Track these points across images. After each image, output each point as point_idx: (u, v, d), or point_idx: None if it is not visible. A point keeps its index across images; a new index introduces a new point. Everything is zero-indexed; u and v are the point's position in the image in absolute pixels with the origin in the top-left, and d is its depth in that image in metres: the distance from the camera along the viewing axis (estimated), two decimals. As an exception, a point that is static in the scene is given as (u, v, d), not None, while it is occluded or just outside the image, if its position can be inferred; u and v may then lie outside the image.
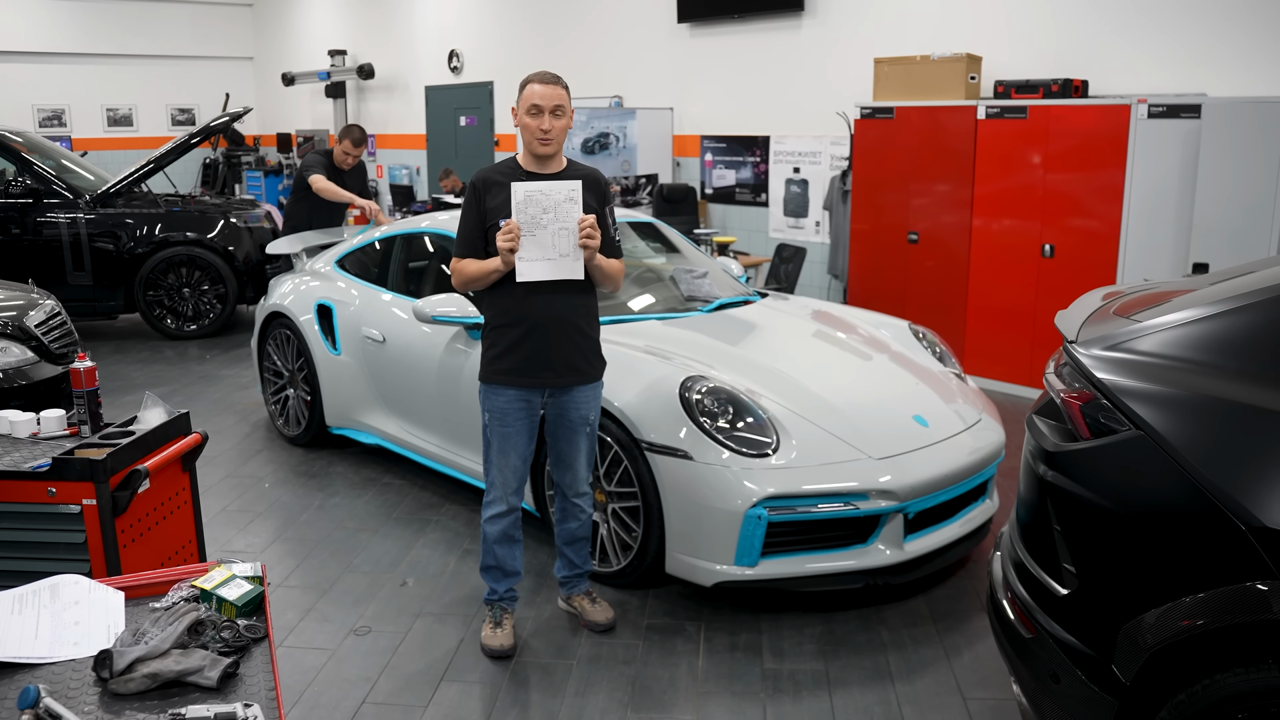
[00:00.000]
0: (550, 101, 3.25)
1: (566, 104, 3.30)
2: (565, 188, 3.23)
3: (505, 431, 3.43)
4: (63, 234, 8.36)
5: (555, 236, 3.23)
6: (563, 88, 3.31)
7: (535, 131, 3.26)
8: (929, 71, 7.02)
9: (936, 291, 7.11)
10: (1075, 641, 2.28)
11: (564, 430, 3.51)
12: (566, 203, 3.22)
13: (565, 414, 3.48)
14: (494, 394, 3.42)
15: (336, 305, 5.39)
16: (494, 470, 3.47)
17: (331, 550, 4.41)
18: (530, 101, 3.26)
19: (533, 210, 3.21)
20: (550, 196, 3.22)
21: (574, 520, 3.64)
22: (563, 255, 3.25)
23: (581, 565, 3.73)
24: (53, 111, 15.10)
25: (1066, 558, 2.33)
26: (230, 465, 5.50)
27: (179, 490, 2.96)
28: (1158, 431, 2.16)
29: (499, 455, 3.45)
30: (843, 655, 3.52)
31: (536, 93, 3.26)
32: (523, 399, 3.41)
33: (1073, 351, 2.47)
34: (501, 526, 3.49)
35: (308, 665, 3.47)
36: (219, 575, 2.04)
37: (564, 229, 3.23)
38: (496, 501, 3.48)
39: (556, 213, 3.22)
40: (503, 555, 3.53)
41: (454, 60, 12.27)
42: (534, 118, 3.26)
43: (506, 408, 3.41)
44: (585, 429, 3.52)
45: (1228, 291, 2.37)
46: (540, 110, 3.25)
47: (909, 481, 3.67)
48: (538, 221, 3.22)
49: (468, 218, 3.39)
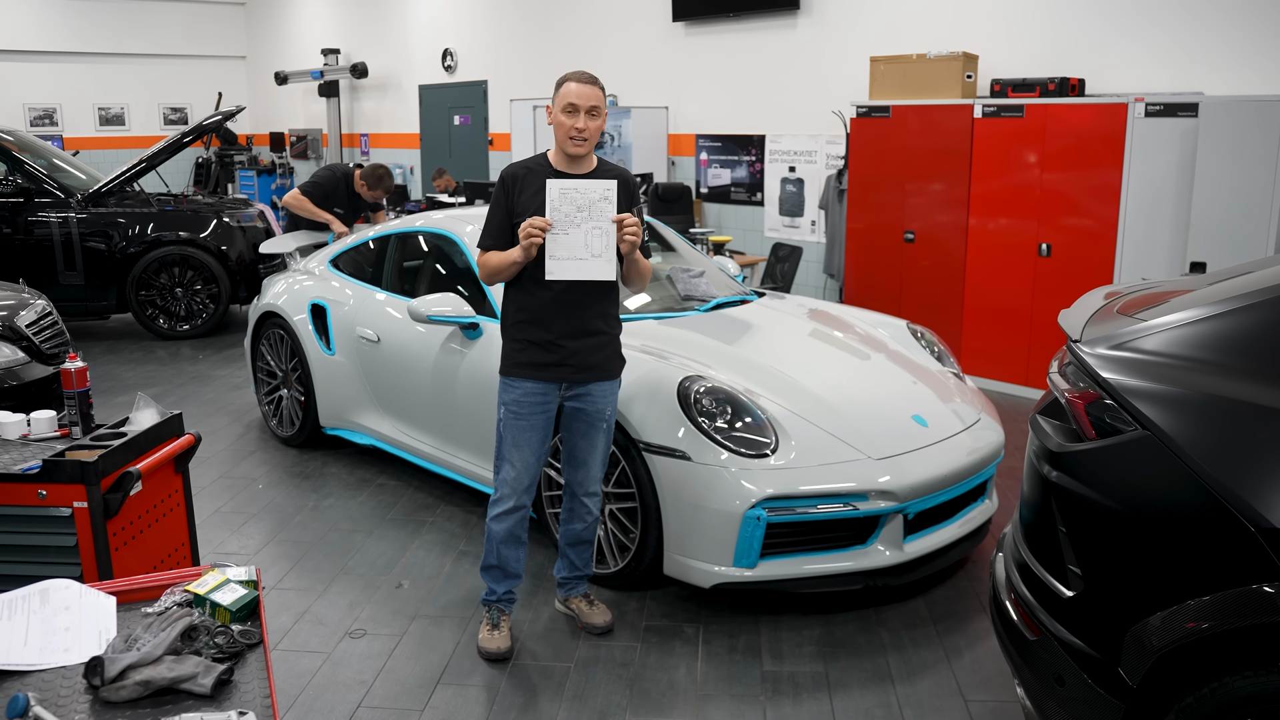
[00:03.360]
0: (587, 101, 3.22)
1: (602, 104, 3.27)
2: (601, 186, 3.17)
3: (520, 425, 3.38)
4: (54, 233, 8.30)
5: (589, 236, 3.15)
6: (599, 88, 3.28)
7: (569, 130, 3.23)
8: (925, 70, 7.00)
9: (932, 291, 7.09)
10: (1081, 644, 2.26)
11: (581, 425, 3.47)
12: (601, 202, 3.15)
13: (583, 409, 3.44)
14: (512, 386, 3.39)
15: (330, 305, 5.35)
16: (505, 465, 3.42)
17: (326, 552, 4.37)
18: (566, 100, 3.22)
19: (566, 208, 3.14)
20: (585, 195, 3.15)
21: (580, 522, 3.59)
22: (594, 256, 3.17)
23: (583, 568, 3.70)
24: (44, 110, 15.03)
25: (1072, 559, 2.30)
26: (223, 466, 5.46)
27: (171, 492, 2.92)
28: (1165, 432, 2.14)
29: (512, 449, 3.40)
30: (842, 657, 3.50)
31: (574, 91, 3.23)
32: (540, 392, 3.38)
33: (1077, 350, 2.44)
34: (509, 525, 3.44)
35: (302, 669, 3.43)
36: (213, 579, 2.00)
37: (597, 228, 3.16)
38: (506, 498, 3.43)
39: (590, 211, 3.15)
40: (506, 556, 3.48)
41: (448, 59, 12.23)
42: (569, 116, 3.23)
43: (523, 400, 3.37)
44: (603, 425, 3.48)
45: (1235, 290, 2.35)
46: (576, 109, 3.22)
47: (908, 482, 3.65)
48: (571, 220, 3.15)
49: (496, 211, 3.36)
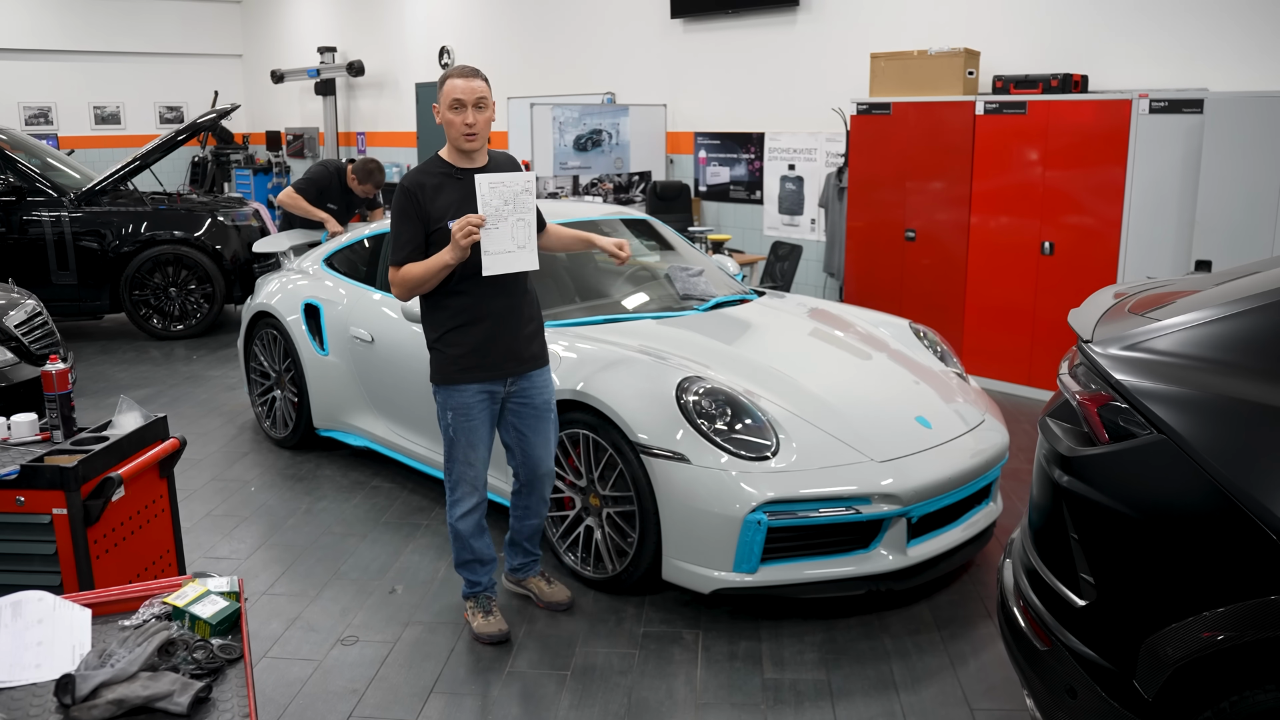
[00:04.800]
0: (472, 95, 3.23)
1: (489, 96, 3.31)
2: (522, 179, 3.22)
3: (471, 426, 3.43)
4: (47, 232, 8.22)
5: (514, 228, 3.23)
6: (483, 80, 3.29)
7: (460, 127, 3.24)
8: (926, 66, 6.92)
9: (934, 290, 7.02)
10: (1094, 655, 2.18)
11: (529, 417, 3.53)
12: (523, 194, 3.23)
13: (530, 400, 3.50)
14: (457, 393, 3.41)
15: (324, 305, 5.27)
16: (461, 466, 3.47)
17: (318, 556, 4.30)
18: (452, 97, 3.23)
19: (496, 203, 3.19)
20: (510, 188, 3.21)
21: (537, 517, 3.68)
22: (520, 247, 3.26)
23: (535, 552, 3.79)
24: (39, 109, 14.94)
25: (1084, 567, 2.22)
26: (215, 469, 5.38)
27: (156, 498, 2.84)
28: (1180, 435, 2.06)
29: (468, 451, 3.45)
30: (845, 664, 3.42)
31: (459, 87, 3.23)
32: (486, 391, 3.42)
33: (1088, 351, 2.36)
34: (475, 520, 3.51)
35: (293, 677, 3.35)
36: (193, 591, 1.92)
37: (521, 220, 3.23)
38: (467, 497, 3.49)
39: (515, 204, 3.21)
40: (479, 547, 3.55)
41: (445, 57, 12.14)
42: (457, 113, 3.23)
43: (471, 402, 3.41)
44: (550, 414, 3.56)
45: (1250, 289, 2.27)
46: (463, 105, 3.23)
47: (912, 485, 3.57)
48: (501, 214, 3.20)
49: (406, 223, 3.29)
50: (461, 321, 3.36)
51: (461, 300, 3.34)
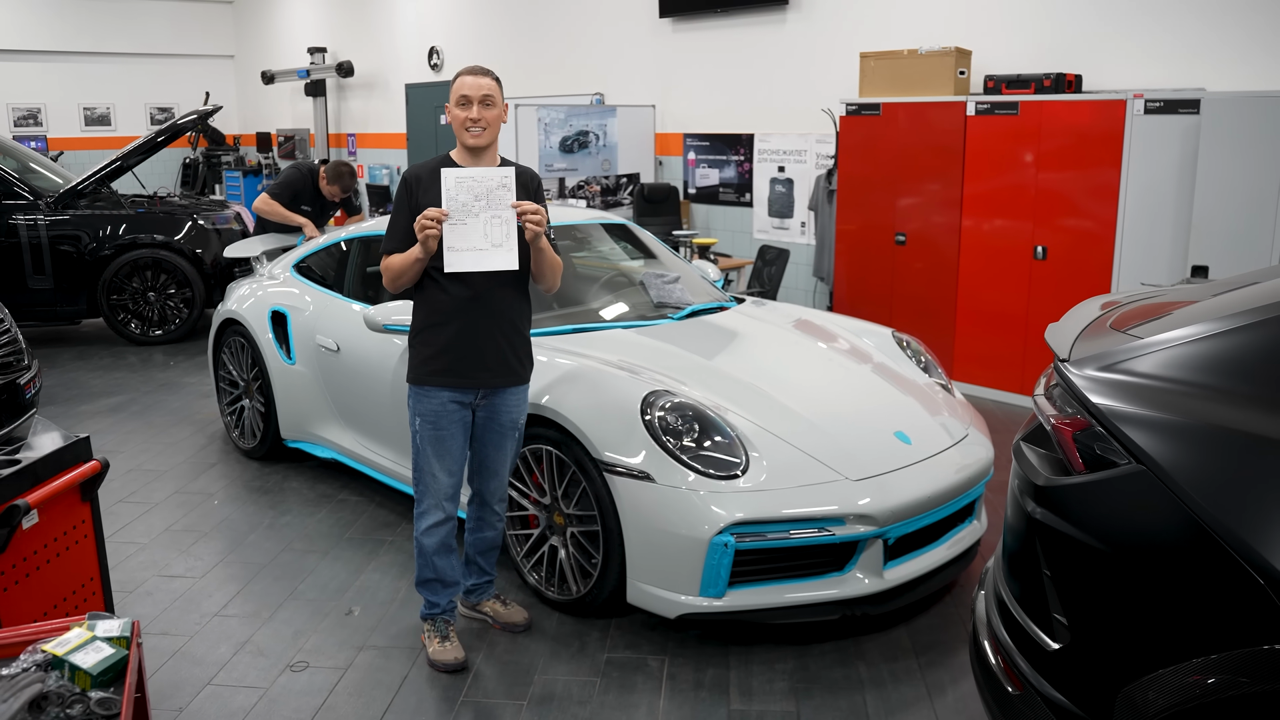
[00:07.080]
0: (479, 92, 3.20)
1: (497, 95, 3.25)
2: (498, 174, 3.10)
3: (440, 435, 3.29)
4: (22, 236, 8.06)
5: (488, 225, 3.08)
6: (493, 79, 3.26)
7: (464, 122, 3.21)
8: (917, 66, 6.75)
9: (925, 295, 6.84)
10: (1067, 703, 2.01)
11: (493, 435, 3.40)
12: (500, 190, 3.08)
13: (496, 417, 3.38)
14: (426, 397, 3.28)
15: (291, 312, 5.11)
16: (427, 477, 3.33)
17: (276, 575, 4.13)
18: (459, 93, 3.22)
19: (464, 197, 3.05)
20: (482, 183, 3.07)
21: (492, 529, 3.57)
22: (495, 245, 3.09)
23: (491, 572, 3.68)
24: (28, 110, 14.78)
25: (1058, 607, 2.05)
26: (181, 480, 5.22)
27: (77, 524, 2.67)
28: (1161, 466, 1.89)
29: (435, 460, 3.31)
30: (816, 694, 3.24)
31: (467, 84, 3.22)
32: (457, 401, 3.29)
33: (1065, 372, 2.19)
34: (440, 536, 3.38)
35: (235, 707, 3.18)
36: (75, 637, 1.76)
37: (496, 217, 3.09)
38: (432, 510, 3.36)
39: (489, 200, 3.07)
40: (442, 566, 3.43)
41: (434, 57, 11.98)
42: (463, 108, 3.21)
43: (440, 410, 3.28)
44: (515, 434, 3.44)
45: (1238, 305, 2.10)
46: (469, 100, 3.20)
47: (889, 504, 3.40)
48: (469, 209, 3.06)
49: (399, 214, 3.27)
50: (435, 321, 3.26)
51: (439, 299, 3.24)
